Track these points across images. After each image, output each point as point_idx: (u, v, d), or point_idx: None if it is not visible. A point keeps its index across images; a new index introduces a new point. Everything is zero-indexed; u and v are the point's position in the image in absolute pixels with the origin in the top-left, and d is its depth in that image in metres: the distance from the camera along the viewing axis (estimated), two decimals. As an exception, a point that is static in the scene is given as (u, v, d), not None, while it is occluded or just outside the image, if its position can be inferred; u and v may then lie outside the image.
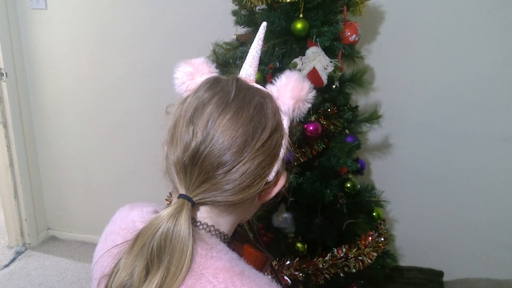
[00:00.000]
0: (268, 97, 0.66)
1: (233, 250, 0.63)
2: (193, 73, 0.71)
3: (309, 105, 0.69)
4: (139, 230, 0.58)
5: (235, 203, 0.62)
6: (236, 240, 0.69)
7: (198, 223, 0.63)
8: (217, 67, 1.63)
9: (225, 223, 0.66)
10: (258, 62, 0.74)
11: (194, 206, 0.60)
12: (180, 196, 0.59)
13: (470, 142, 2.09)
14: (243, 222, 0.73)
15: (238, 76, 0.69)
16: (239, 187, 0.60)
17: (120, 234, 0.67)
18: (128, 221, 0.69)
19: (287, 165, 0.68)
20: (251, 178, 0.60)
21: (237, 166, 0.59)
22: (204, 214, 0.64)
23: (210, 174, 0.59)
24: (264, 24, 0.76)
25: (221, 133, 0.58)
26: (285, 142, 0.65)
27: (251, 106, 0.61)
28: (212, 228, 0.64)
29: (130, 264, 0.56)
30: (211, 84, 0.65)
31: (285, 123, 0.67)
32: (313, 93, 0.70)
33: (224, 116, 0.59)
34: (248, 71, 0.74)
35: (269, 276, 0.63)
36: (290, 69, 0.71)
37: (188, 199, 0.59)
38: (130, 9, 2.24)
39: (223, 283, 0.56)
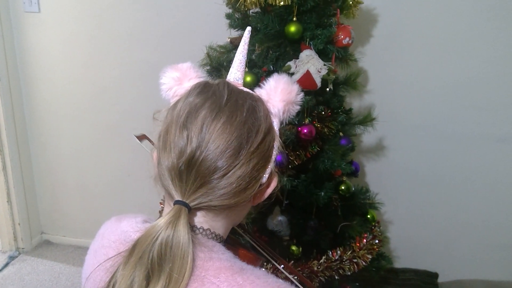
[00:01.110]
0: (259, 100, 0.67)
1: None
2: (181, 78, 0.71)
3: (298, 107, 0.71)
4: (135, 240, 0.57)
5: (230, 207, 0.62)
6: (228, 244, 0.69)
7: (195, 228, 0.63)
8: (211, 70, 1.63)
9: (221, 227, 0.66)
10: (245, 66, 0.76)
11: (190, 211, 0.59)
12: (176, 202, 0.59)
13: (464, 143, 2.10)
14: (236, 225, 0.73)
15: (227, 80, 0.70)
16: (235, 191, 0.60)
17: (112, 247, 0.66)
18: (118, 232, 0.68)
19: (281, 167, 0.69)
20: (246, 181, 0.61)
21: (233, 170, 0.59)
22: (200, 219, 0.64)
23: (207, 179, 0.59)
24: (248, 28, 0.78)
25: (216, 138, 0.58)
26: (276, 143, 0.66)
27: (244, 109, 0.62)
28: (208, 232, 0.64)
29: (129, 275, 0.55)
30: (202, 89, 0.65)
31: (276, 125, 0.68)
32: (302, 95, 0.71)
33: (219, 120, 0.59)
34: (236, 75, 0.74)
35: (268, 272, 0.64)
36: (278, 72, 0.72)
37: (185, 205, 0.58)
38: (124, 12, 2.24)
39: (225, 282, 0.56)
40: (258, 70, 1.52)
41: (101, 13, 2.27)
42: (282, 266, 1.11)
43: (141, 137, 1.06)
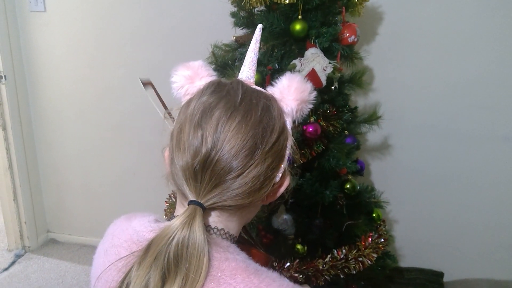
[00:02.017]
0: (273, 99, 0.67)
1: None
2: (192, 77, 0.70)
3: (311, 106, 0.70)
4: (150, 240, 0.57)
5: (244, 206, 0.62)
6: (240, 243, 0.69)
7: (209, 228, 0.63)
8: (216, 69, 1.63)
9: (234, 227, 0.66)
10: (256, 64, 0.75)
11: (205, 211, 0.59)
12: (191, 202, 0.59)
13: (469, 142, 2.09)
14: (246, 223, 0.73)
15: (240, 79, 0.69)
16: (250, 190, 0.60)
17: (123, 246, 0.65)
18: (130, 232, 0.66)
19: (291, 166, 0.69)
20: (261, 181, 0.60)
21: (248, 170, 0.59)
22: (214, 218, 0.64)
23: (222, 179, 0.58)
24: (260, 26, 0.77)
25: (231, 137, 0.58)
26: (289, 142, 0.66)
27: (258, 109, 0.61)
28: (222, 232, 0.64)
29: (144, 275, 0.55)
30: (216, 88, 0.64)
31: (289, 125, 0.67)
32: (315, 94, 0.70)
33: (234, 120, 0.59)
34: (248, 73, 0.74)
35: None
36: (290, 71, 0.72)
37: (200, 205, 0.58)
38: (129, 11, 2.24)
39: (242, 283, 0.56)
40: (263, 68, 1.51)
41: (106, 13, 2.27)
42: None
43: (147, 83, 1.04)
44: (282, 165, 0.64)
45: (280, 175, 0.64)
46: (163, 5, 2.19)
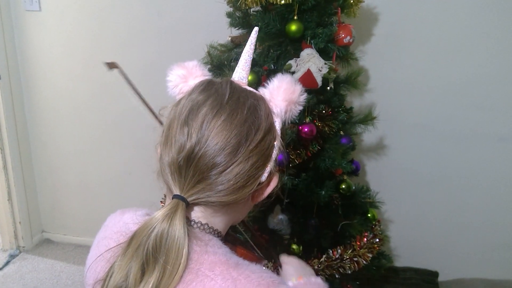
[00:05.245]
0: (261, 99, 0.68)
1: None
2: (186, 76, 0.72)
3: (301, 107, 0.71)
4: (133, 232, 0.59)
5: (228, 204, 0.63)
6: (228, 242, 0.70)
7: (192, 222, 0.64)
8: (211, 69, 1.63)
9: (219, 222, 0.67)
10: (250, 66, 0.76)
11: (188, 206, 0.61)
12: (175, 196, 0.60)
13: (464, 142, 2.10)
14: (236, 223, 0.74)
15: (231, 79, 0.71)
16: (233, 188, 0.61)
17: (113, 238, 0.68)
18: (120, 224, 0.69)
19: (281, 166, 0.69)
20: (244, 179, 0.61)
21: (231, 167, 0.60)
22: (198, 213, 0.65)
23: (205, 175, 0.60)
24: (256, 29, 0.78)
25: (215, 134, 0.59)
26: (277, 143, 0.67)
27: (245, 108, 0.63)
28: (206, 226, 0.65)
29: (125, 266, 0.56)
30: (205, 87, 0.66)
31: (277, 125, 0.68)
32: (305, 95, 0.71)
33: (219, 118, 0.60)
34: (240, 74, 0.75)
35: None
36: (284, 71, 0.72)
37: (183, 199, 0.60)
38: (125, 11, 2.24)
39: (220, 275, 0.57)
40: (259, 68, 1.52)
41: (102, 12, 2.27)
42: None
43: (112, 65, 1.05)
44: (268, 165, 0.65)
45: (266, 174, 0.65)
46: (159, 5, 2.19)
